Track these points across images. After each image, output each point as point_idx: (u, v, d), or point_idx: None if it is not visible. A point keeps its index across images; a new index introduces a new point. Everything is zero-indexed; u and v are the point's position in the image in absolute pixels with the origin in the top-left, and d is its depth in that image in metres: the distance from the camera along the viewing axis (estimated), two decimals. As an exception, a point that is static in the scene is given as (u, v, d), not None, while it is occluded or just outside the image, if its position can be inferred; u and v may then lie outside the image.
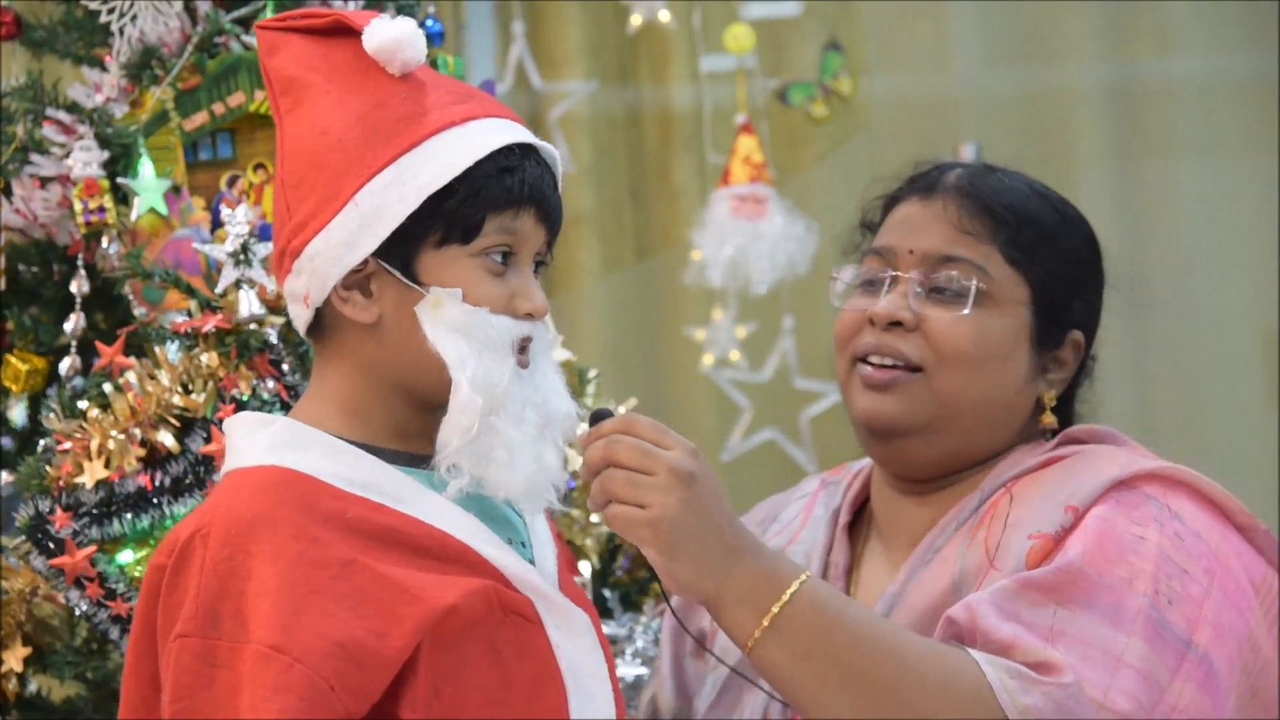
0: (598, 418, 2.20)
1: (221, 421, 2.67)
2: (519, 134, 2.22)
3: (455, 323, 2.17)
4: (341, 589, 2.07)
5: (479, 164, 2.18)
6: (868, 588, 2.46)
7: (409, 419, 2.22)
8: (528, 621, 2.18)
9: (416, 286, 2.18)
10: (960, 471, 2.44)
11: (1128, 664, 2.21)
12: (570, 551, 2.79)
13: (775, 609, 2.18)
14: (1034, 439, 2.46)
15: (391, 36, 2.19)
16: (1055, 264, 2.44)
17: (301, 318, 2.24)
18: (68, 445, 2.89)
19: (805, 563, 2.48)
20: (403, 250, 2.18)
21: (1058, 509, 2.31)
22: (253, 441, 2.20)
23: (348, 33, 2.22)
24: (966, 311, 2.39)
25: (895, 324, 2.41)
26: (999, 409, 2.42)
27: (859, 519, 2.55)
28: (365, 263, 2.18)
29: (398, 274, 2.18)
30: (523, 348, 2.21)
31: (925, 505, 2.45)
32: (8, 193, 3.20)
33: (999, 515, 2.35)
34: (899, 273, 2.43)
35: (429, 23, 3.29)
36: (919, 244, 2.43)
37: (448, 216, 2.17)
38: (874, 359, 2.41)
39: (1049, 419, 2.46)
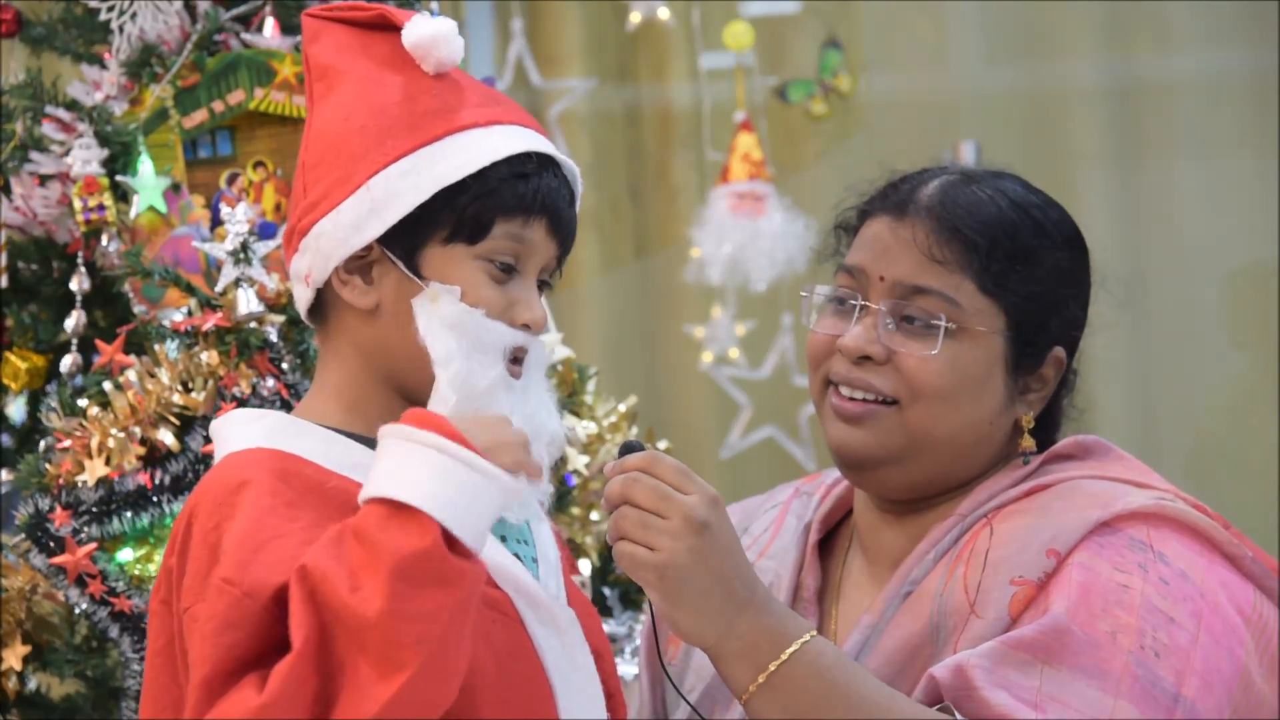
0: (627, 450, 2.19)
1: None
2: (542, 144, 2.22)
3: (448, 319, 2.16)
4: (308, 537, 2.06)
5: (496, 166, 2.18)
6: (851, 605, 2.43)
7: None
8: (504, 616, 2.16)
9: (416, 279, 2.18)
10: (938, 495, 2.41)
11: None
12: (570, 551, 2.78)
13: (773, 667, 2.16)
14: (1013, 460, 2.42)
15: (429, 33, 2.21)
16: (1032, 286, 2.37)
17: (303, 298, 2.24)
18: (68, 443, 2.90)
19: (775, 581, 2.45)
20: (409, 241, 2.18)
21: (1039, 553, 2.27)
22: (244, 435, 2.20)
23: (390, 28, 2.24)
24: (936, 351, 2.33)
25: (864, 357, 2.37)
26: (974, 438, 2.38)
27: (836, 534, 2.51)
28: (370, 249, 2.19)
29: (400, 264, 2.18)
30: (517, 359, 2.20)
31: (904, 527, 2.42)
32: (7, 190, 3.20)
33: (978, 551, 2.31)
34: (869, 302, 2.38)
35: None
36: (889, 271, 2.37)
37: (458, 213, 2.17)
38: (844, 390, 2.38)
39: (1027, 442, 2.40)
